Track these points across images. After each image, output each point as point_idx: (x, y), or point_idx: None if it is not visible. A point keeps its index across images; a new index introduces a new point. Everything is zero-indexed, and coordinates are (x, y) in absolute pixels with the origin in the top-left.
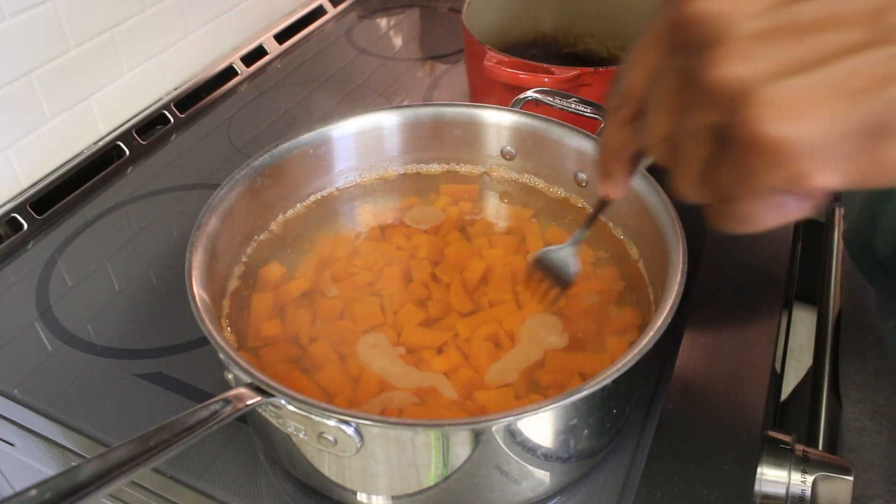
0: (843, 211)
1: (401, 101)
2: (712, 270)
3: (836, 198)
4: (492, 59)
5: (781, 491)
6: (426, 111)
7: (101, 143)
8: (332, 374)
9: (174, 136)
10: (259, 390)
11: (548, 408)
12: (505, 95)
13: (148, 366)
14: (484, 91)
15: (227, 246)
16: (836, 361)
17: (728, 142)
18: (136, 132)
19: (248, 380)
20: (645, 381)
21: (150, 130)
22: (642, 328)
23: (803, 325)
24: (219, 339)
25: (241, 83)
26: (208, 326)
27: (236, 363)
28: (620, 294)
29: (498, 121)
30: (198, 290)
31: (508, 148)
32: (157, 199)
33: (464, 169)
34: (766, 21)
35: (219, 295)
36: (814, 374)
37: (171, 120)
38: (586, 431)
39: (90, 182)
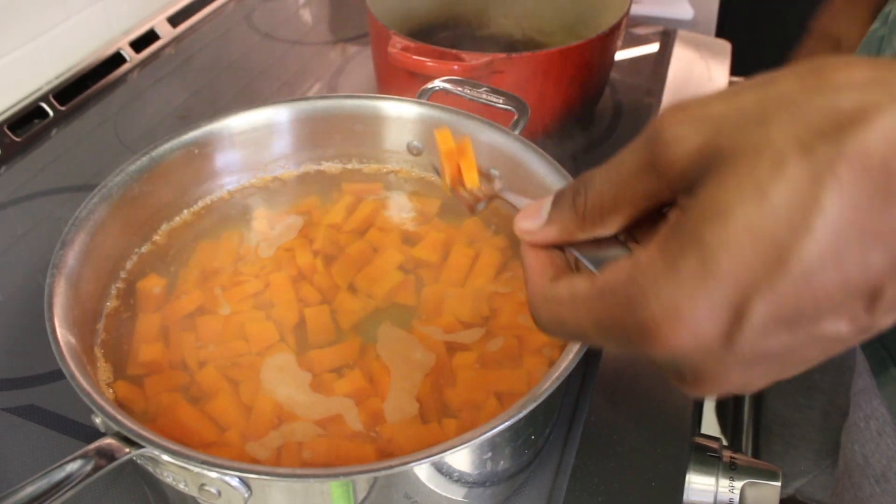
0: None
1: (307, 90)
2: None
3: None
4: (396, 44)
5: (710, 500)
6: (323, 104)
7: None
8: (223, 404)
9: (54, 131)
10: (126, 440)
11: (452, 451)
12: (412, 84)
13: (19, 398)
14: (390, 80)
15: (102, 263)
16: None
17: None
18: (8, 128)
19: (115, 427)
20: (566, 393)
21: (26, 125)
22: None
23: None
24: (79, 377)
25: (130, 71)
26: (67, 363)
27: (100, 409)
28: None
29: (402, 114)
30: (60, 318)
31: (415, 143)
32: (34, 203)
33: (367, 167)
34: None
35: (92, 319)
36: None
37: (51, 113)
38: (502, 462)
39: None
